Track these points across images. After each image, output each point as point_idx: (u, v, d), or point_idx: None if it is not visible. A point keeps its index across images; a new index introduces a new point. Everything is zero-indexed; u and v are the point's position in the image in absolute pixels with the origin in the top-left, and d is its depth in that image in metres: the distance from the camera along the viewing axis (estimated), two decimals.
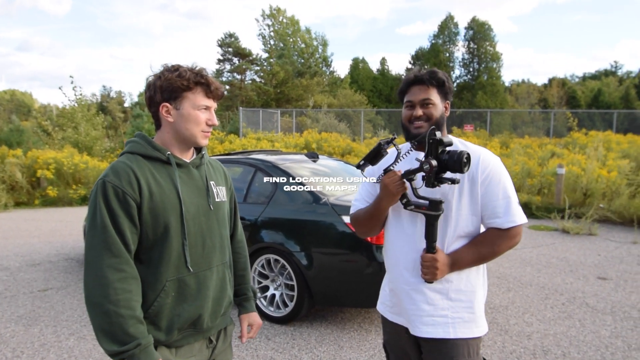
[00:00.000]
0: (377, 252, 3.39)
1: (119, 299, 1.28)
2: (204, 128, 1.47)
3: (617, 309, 4.01)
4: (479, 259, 1.56)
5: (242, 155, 4.79)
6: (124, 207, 1.33)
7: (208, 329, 1.53)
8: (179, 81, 1.40)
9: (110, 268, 1.29)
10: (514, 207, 1.54)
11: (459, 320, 1.56)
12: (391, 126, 23.81)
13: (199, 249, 1.46)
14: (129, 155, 1.44)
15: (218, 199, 1.56)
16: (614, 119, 18.71)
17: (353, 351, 3.29)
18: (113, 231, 1.31)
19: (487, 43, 42.79)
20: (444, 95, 1.64)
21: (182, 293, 1.42)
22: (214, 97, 1.48)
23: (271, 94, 34.35)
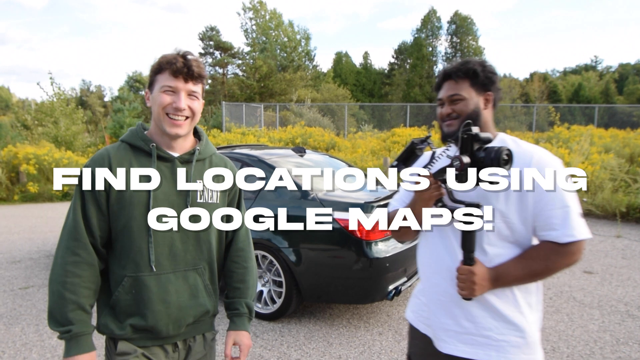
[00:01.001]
0: (366, 247, 3.33)
1: (66, 282, 1.28)
2: (167, 111, 1.35)
3: (604, 303, 4.04)
4: (529, 276, 1.34)
5: (227, 150, 4.68)
6: (92, 192, 1.31)
7: (169, 337, 1.41)
8: (155, 65, 1.36)
9: (67, 250, 1.30)
10: (573, 219, 1.31)
11: (505, 343, 1.36)
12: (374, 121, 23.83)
13: (165, 249, 1.36)
14: (120, 143, 1.41)
15: (202, 200, 1.42)
16: (595, 114, 19.03)
17: (342, 347, 3.23)
18: (80, 215, 1.31)
19: (470, 37, 43.14)
20: (481, 87, 1.45)
21: (140, 293, 1.35)
22: (186, 77, 1.34)
23: (254, 88, 34.03)
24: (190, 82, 1.36)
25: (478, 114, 1.44)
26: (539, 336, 1.42)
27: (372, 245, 3.36)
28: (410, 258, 3.73)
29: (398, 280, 3.57)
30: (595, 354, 3.12)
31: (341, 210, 3.44)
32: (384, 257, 3.36)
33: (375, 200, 3.50)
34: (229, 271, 1.58)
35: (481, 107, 1.45)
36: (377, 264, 3.33)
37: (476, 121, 1.43)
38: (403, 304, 4.03)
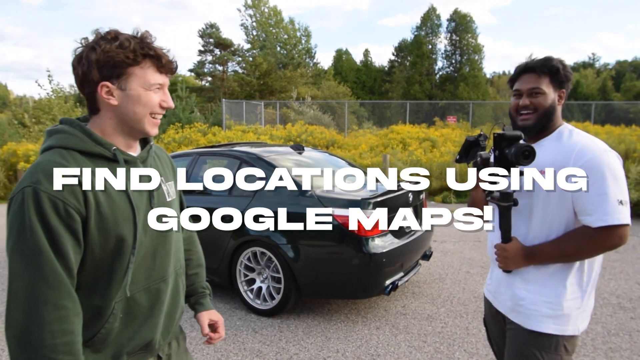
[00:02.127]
0: (364, 243, 3.39)
1: (57, 344, 1.02)
2: (155, 111, 1.19)
3: (596, 296, 4.10)
4: (561, 256, 1.47)
5: (227, 148, 4.73)
6: (66, 224, 1.04)
7: (160, 347, 1.34)
8: (122, 53, 1.11)
9: (47, 305, 1.01)
10: (610, 205, 1.38)
11: (536, 313, 1.53)
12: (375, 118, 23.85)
13: (150, 259, 1.23)
14: (62, 151, 1.11)
15: (169, 198, 1.31)
16: (592, 110, 19.09)
17: (340, 342, 3.30)
18: (52, 256, 1.02)
19: (469, 35, 43.06)
20: (558, 84, 1.55)
21: (131, 313, 1.20)
22: (167, 71, 1.20)
23: (254, 86, 34.04)
24: (170, 75, 1.23)
25: (554, 108, 1.55)
26: (580, 312, 1.53)
27: (370, 241, 3.42)
28: (407, 253, 3.79)
29: (395, 275, 3.64)
30: (587, 345, 3.18)
31: (339, 207, 3.50)
32: (381, 253, 3.42)
33: (373, 197, 3.56)
34: (186, 259, 1.51)
35: (556, 103, 1.56)
36: (375, 260, 3.39)
37: (552, 115, 1.55)
38: (400, 298, 4.10)
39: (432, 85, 42.78)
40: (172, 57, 1.21)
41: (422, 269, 4.84)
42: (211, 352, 3.19)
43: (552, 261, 1.49)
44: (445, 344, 3.25)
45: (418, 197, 4.16)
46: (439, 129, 15.92)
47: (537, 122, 1.54)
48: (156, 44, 1.19)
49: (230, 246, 3.88)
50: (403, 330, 3.49)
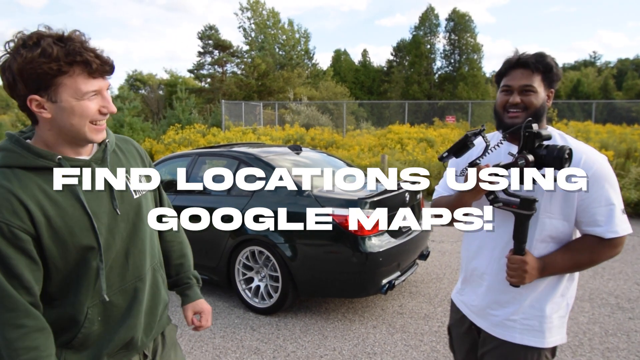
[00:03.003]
0: (360, 242, 3.41)
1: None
2: (95, 119, 1.11)
3: (595, 296, 4.11)
4: (574, 267, 1.42)
5: (226, 148, 4.75)
6: (14, 244, 1.02)
7: (143, 345, 1.31)
8: (44, 64, 1.00)
9: (7, 326, 1.04)
10: (617, 216, 1.37)
11: (529, 327, 1.47)
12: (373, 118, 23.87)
13: (122, 260, 1.21)
14: (5, 170, 1.06)
15: (137, 195, 1.26)
16: (593, 109, 19.08)
17: (337, 340, 3.32)
18: (3, 280, 1.02)
19: (468, 34, 43.10)
20: (549, 83, 1.46)
21: (109, 315, 1.20)
22: (102, 74, 1.09)
23: (253, 87, 34.08)
24: (107, 77, 1.13)
25: (544, 109, 1.46)
26: (565, 320, 1.52)
27: (366, 240, 3.44)
28: (403, 253, 3.81)
29: (392, 274, 3.65)
30: (584, 345, 3.20)
31: (336, 207, 3.51)
32: (377, 252, 3.44)
33: (370, 197, 3.58)
34: (167, 251, 1.49)
35: (546, 102, 1.47)
36: (371, 259, 3.41)
37: (541, 116, 1.45)
38: (397, 298, 4.11)
39: (431, 85, 42.81)
40: (106, 58, 1.10)
41: (419, 269, 4.85)
42: (210, 349, 3.20)
43: (562, 272, 1.43)
44: (441, 343, 3.27)
45: (415, 197, 4.18)
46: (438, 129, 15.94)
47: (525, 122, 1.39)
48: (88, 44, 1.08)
49: (229, 245, 3.90)
50: (400, 329, 3.50)
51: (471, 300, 1.61)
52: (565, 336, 1.53)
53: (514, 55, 1.47)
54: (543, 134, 1.32)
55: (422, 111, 23.80)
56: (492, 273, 1.52)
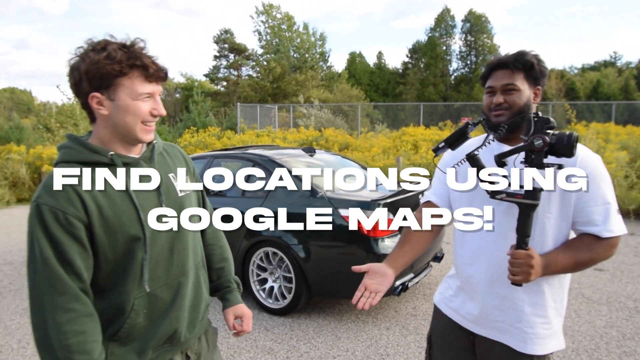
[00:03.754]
0: (373, 244, 3.42)
1: (71, 344, 1.10)
2: (146, 119, 1.22)
3: (612, 300, 4.05)
4: (575, 265, 1.38)
5: (240, 150, 4.82)
6: (68, 232, 1.10)
7: (186, 341, 1.37)
8: (108, 65, 1.13)
9: (57, 309, 1.10)
10: (613, 215, 1.37)
11: (533, 336, 1.42)
12: (389, 120, 23.78)
13: (167, 255, 1.27)
14: (64, 165, 1.18)
15: (182, 194, 1.34)
16: (613, 110, 18.69)
17: (350, 341, 3.33)
18: (56, 264, 1.10)
19: (484, 35, 42.70)
20: (533, 80, 1.44)
21: (154, 308, 1.25)
22: (156, 79, 1.21)
23: (268, 90, 34.31)
24: (160, 83, 1.25)
25: (529, 107, 1.44)
26: (561, 325, 1.50)
27: (379, 242, 3.45)
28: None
29: (405, 276, 3.65)
30: (601, 349, 3.15)
31: (349, 208, 3.54)
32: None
33: (382, 198, 3.59)
34: (208, 255, 1.53)
35: (531, 101, 1.46)
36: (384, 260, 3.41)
37: (527, 114, 1.42)
38: (410, 299, 4.10)
39: (447, 87, 42.49)
40: (161, 65, 1.22)
41: (433, 271, 4.84)
42: (224, 348, 3.25)
43: (563, 271, 1.40)
44: None
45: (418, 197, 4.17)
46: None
47: (510, 120, 1.42)
48: (147, 52, 1.20)
49: (243, 246, 3.95)
50: (413, 331, 3.50)
51: (468, 308, 1.54)
52: (564, 342, 1.50)
53: (495, 58, 1.49)
54: (551, 120, 1.29)
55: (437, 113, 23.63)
56: (493, 278, 1.45)
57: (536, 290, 1.42)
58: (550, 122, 1.29)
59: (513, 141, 1.46)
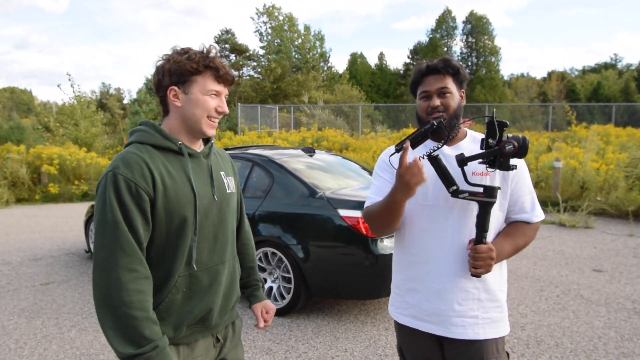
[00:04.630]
0: (372, 244, 3.42)
1: (132, 301, 1.20)
2: (211, 114, 1.38)
3: (611, 301, 4.05)
4: (515, 250, 1.54)
5: (240, 150, 4.82)
6: (137, 202, 1.24)
7: (216, 325, 1.47)
8: (188, 64, 1.32)
9: (123, 269, 1.21)
10: (536, 203, 1.57)
11: (489, 320, 1.50)
12: (389, 121, 23.79)
13: (211, 242, 1.41)
14: (139, 145, 1.34)
15: (229, 191, 1.50)
16: (613, 112, 18.70)
17: (349, 342, 3.34)
18: (126, 228, 1.22)
19: (485, 37, 42.72)
20: (459, 84, 1.56)
21: (193, 289, 1.37)
22: (225, 82, 1.40)
23: (268, 90, 34.31)
24: (227, 86, 1.42)
25: (461, 108, 1.55)
26: None
27: (378, 242, 3.45)
28: None
29: None
30: (599, 350, 3.15)
31: (348, 209, 3.55)
32: (389, 254, 3.44)
33: None
34: (242, 253, 1.68)
35: (461, 103, 1.56)
36: (383, 261, 3.42)
37: (460, 115, 1.55)
38: None
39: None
40: (230, 70, 1.41)
41: None
42: None
43: (506, 257, 1.53)
44: None
45: None
46: None
47: (448, 122, 1.49)
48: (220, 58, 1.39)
49: None
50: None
51: (426, 308, 1.54)
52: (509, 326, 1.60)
53: (423, 64, 1.57)
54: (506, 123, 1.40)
55: None
56: (451, 273, 1.49)
57: (486, 277, 1.50)
58: (506, 124, 1.40)
59: (451, 142, 1.55)
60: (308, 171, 4.20)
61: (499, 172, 1.49)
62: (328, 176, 4.32)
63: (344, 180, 4.32)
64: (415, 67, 1.62)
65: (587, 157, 8.76)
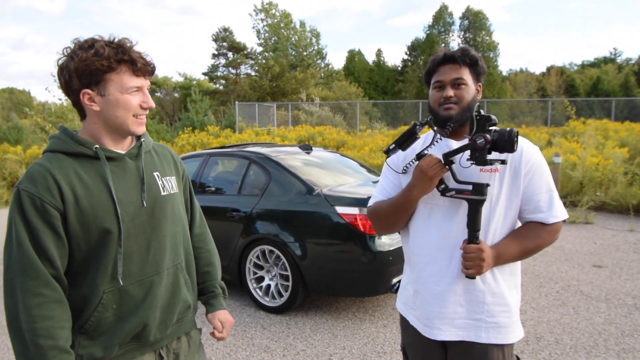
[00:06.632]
0: (370, 241, 3.39)
1: (37, 328, 1.11)
2: (137, 112, 1.25)
3: (611, 296, 4.02)
4: (523, 253, 1.44)
5: (237, 148, 4.79)
6: (43, 218, 1.13)
7: (156, 342, 1.34)
8: (97, 61, 1.16)
9: (27, 292, 1.12)
10: (556, 202, 1.44)
11: (494, 325, 1.43)
12: (387, 118, 23.75)
13: (143, 252, 1.27)
14: (49, 154, 1.22)
15: (165, 192, 1.35)
16: (613, 107, 18.66)
17: (347, 339, 3.31)
18: (30, 249, 1.12)
19: (483, 32, 42.60)
20: (477, 76, 1.49)
21: (124, 304, 1.24)
22: (144, 74, 1.25)
23: (266, 88, 34.24)
24: (148, 77, 1.28)
25: (475, 101, 1.47)
26: (519, 313, 1.52)
27: (376, 239, 3.42)
28: None
29: (402, 273, 3.63)
30: (599, 346, 3.13)
31: (345, 206, 3.51)
32: (387, 251, 3.42)
33: None
34: (196, 257, 1.53)
35: (476, 96, 1.49)
36: (381, 258, 3.39)
37: (473, 109, 1.45)
38: None
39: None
40: (149, 60, 1.26)
41: None
42: (220, 347, 3.23)
43: (512, 260, 1.44)
44: None
45: None
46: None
47: (460, 115, 1.43)
48: (135, 48, 1.23)
49: (240, 244, 3.93)
50: None
51: (428, 312, 1.50)
52: (522, 331, 1.51)
53: (440, 52, 1.50)
54: (492, 117, 1.35)
55: None
56: (453, 274, 1.45)
57: (493, 280, 1.45)
58: (492, 119, 1.35)
59: (459, 136, 1.48)
60: (305, 168, 4.16)
61: (509, 168, 1.42)
62: (325, 173, 4.28)
63: (342, 177, 4.29)
64: (432, 55, 1.54)
65: (586, 152, 8.73)
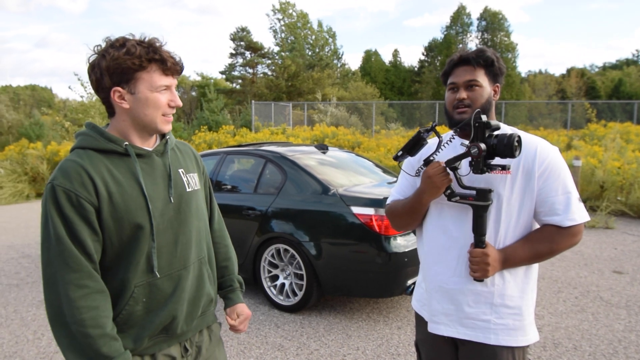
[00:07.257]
0: (385, 242, 3.38)
1: (84, 319, 1.14)
2: (165, 111, 1.27)
3: (632, 303, 3.94)
4: (535, 257, 1.41)
5: (253, 147, 4.81)
6: (80, 213, 1.16)
7: (182, 334, 1.37)
8: (128, 60, 1.19)
9: (71, 285, 1.14)
10: (574, 204, 1.39)
11: (503, 327, 1.42)
12: (403, 119, 23.60)
13: (172, 247, 1.30)
14: (80, 151, 1.24)
15: (190, 189, 1.38)
16: (635, 110, 18.23)
17: (361, 340, 3.30)
18: (69, 242, 1.15)
19: (502, 33, 42.03)
20: (493, 77, 1.49)
21: (153, 298, 1.27)
22: (173, 73, 1.27)
23: (282, 88, 34.35)
24: (176, 76, 1.31)
25: (490, 103, 1.48)
26: (533, 317, 1.49)
27: (391, 240, 3.41)
28: None
29: (417, 274, 3.60)
30: (619, 354, 3.06)
31: (361, 206, 3.51)
32: (402, 252, 3.40)
33: None
34: (215, 252, 1.56)
35: (492, 97, 1.49)
36: (396, 259, 3.38)
37: (489, 110, 1.48)
38: None
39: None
40: (178, 60, 1.28)
41: None
42: (234, 344, 3.25)
43: (523, 263, 1.42)
44: None
45: None
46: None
47: None
48: (164, 47, 1.26)
49: (255, 243, 3.95)
50: None
51: (437, 310, 1.52)
52: (537, 333, 1.49)
53: (456, 54, 1.50)
54: (492, 124, 1.35)
55: None
56: (461, 274, 1.46)
57: (502, 282, 1.43)
58: (491, 125, 1.34)
59: None
60: (321, 168, 4.16)
61: (522, 170, 1.40)
62: (341, 173, 4.28)
63: (357, 177, 4.28)
64: (449, 57, 1.55)
65: (607, 156, 8.55)
